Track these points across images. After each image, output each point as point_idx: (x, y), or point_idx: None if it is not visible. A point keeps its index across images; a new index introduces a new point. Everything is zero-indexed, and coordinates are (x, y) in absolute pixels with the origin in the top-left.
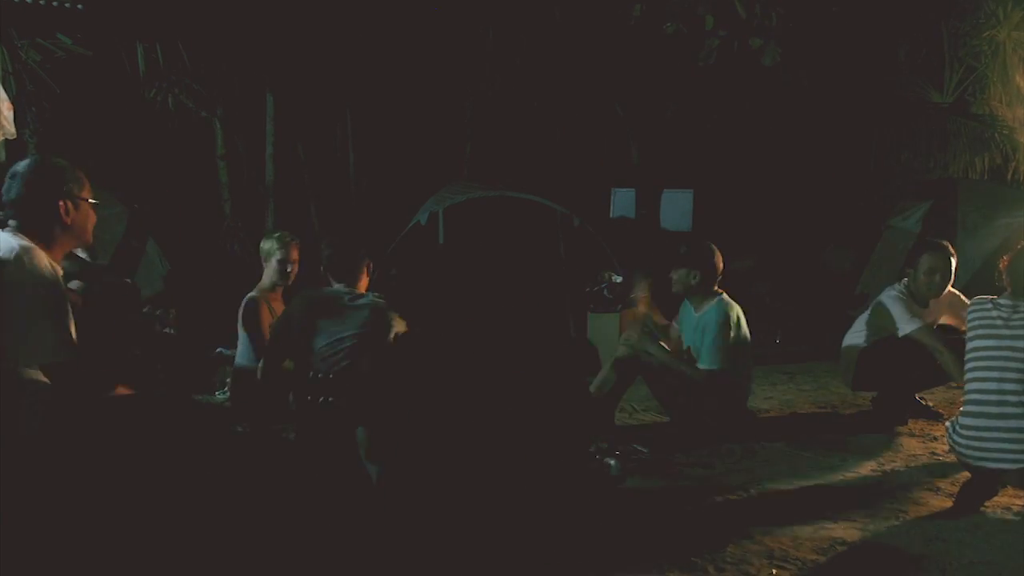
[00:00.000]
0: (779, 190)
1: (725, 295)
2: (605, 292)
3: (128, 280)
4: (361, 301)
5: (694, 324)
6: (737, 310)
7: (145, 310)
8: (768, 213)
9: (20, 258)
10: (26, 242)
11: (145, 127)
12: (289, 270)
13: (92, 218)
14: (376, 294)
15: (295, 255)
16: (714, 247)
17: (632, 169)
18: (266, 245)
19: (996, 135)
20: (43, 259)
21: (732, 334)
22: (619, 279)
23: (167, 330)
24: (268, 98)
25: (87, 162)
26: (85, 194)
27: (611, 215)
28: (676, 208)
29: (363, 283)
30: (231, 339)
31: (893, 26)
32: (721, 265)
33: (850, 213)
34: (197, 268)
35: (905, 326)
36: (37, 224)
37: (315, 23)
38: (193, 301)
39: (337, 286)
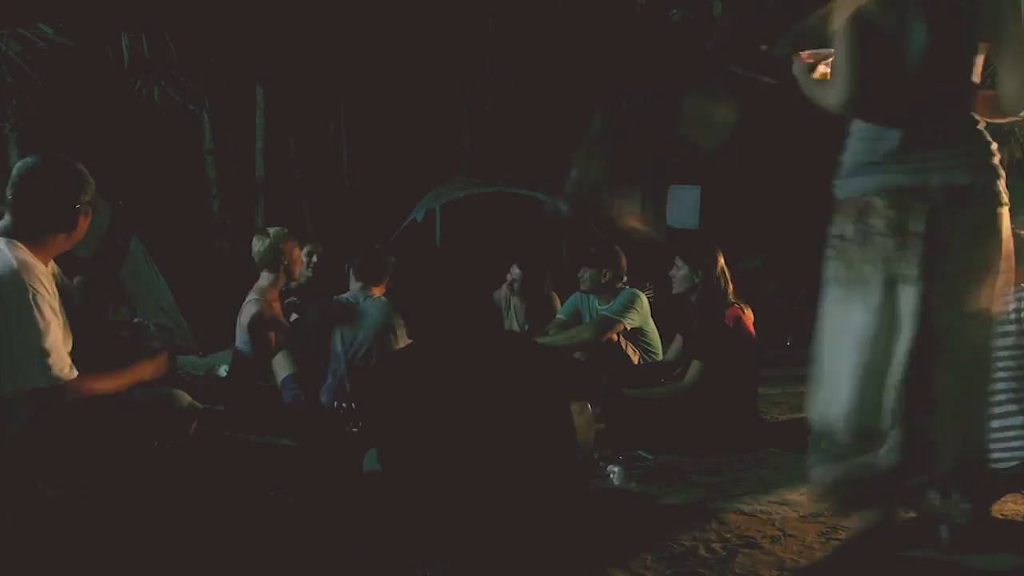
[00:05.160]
0: (790, 186)
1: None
2: None
3: None
4: (370, 301)
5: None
6: (645, 301)
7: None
8: (778, 210)
9: (17, 274)
10: (23, 254)
11: (130, 121)
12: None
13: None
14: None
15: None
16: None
17: None
18: (261, 245)
19: (1016, 128)
20: (41, 272)
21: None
22: None
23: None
24: (258, 91)
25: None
26: (91, 198)
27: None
28: (683, 204)
29: (381, 288)
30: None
31: None
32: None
33: None
34: (185, 267)
35: None
36: (41, 229)
37: (307, 12)
38: (181, 301)
39: (353, 287)
